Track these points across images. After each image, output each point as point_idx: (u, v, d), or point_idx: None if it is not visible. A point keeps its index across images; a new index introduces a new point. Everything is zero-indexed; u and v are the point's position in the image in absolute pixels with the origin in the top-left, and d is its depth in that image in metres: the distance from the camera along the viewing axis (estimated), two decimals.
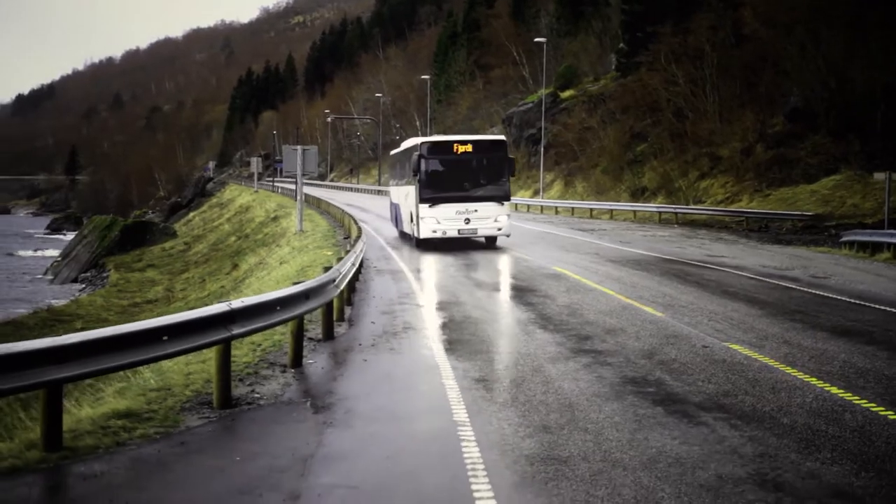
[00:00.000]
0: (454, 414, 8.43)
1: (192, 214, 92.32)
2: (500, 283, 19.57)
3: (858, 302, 15.38)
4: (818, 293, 16.54)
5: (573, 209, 48.25)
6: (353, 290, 16.97)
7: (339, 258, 16.10)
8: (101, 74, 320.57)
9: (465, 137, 28.68)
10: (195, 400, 9.21)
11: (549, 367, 10.50)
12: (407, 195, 28.85)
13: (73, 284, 55.92)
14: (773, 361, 10.48)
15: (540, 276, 20.12)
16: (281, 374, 10.52)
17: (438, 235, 26.15)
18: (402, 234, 31.62)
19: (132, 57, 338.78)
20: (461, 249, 25.93)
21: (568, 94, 63.08)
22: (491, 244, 27.22)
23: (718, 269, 20.76)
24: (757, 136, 41.53)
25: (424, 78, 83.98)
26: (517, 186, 53.84)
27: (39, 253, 79.58)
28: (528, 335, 12.86)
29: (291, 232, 36.65)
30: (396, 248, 28.34)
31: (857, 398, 8.76)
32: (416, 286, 18.82)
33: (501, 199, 26.27)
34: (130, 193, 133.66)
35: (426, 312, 15.14)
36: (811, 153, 38.07)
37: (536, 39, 59.44)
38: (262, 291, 15.79)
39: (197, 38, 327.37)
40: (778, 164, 39.03)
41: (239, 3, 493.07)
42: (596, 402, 8.81)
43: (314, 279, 12.08)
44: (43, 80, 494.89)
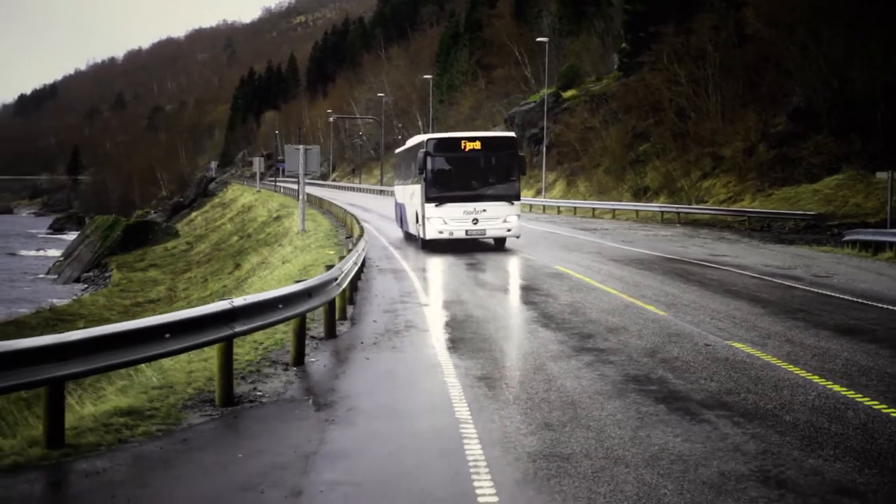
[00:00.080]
0: (456, 411, 8.42)
1: (194, 214, 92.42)
2: (502, 282, 19.55)
3: (861, 301, 15.36)
4: (821, 292, 16.52)
5: (575, 209, 48.24)
6: (355, 288, 16.98)
7: (341, 257, 16.10)
8: (103, 74, 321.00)
9: (473, 134, 27.51)
10: (197, 398, 9.22)
11: (551, 365, 10.49)
12: (412, 194, 27.86)
13: (75, 284, 55.99)
14: (775, 360, 10.47)
15: (542, 275, 20.11)
16: (283, 372, 10.52)
17: (445, 236, 25.23)
18: (407, 234, 30.85)
19: (134, 57, 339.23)
20: (463, 249, 25.86)
21: (570, 93, 63.06)
22: (499, 246, 26.38)
23: (721, 268, 20.74)
24: (759, 135, 41.49)
25: (427, 78, 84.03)
26: None
27: (42, 253, 79.69)
28: (530, 333, 12.86)
29: (294, 231, 36.67)
30: (399, 247, 28.32)
31: (859, 396, 8.75)
32: (418, 285, 18.82)
33: (511, 198, 25.26)
34: (133, 193, 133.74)
35: (428, 311, 15.13)
36: (813, 153, 38.03)
37: (539, 39, 59.43)
38: (264, 291, 15.79)
39: (199, 38, 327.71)
40: (780, 163, 39.00)
41: (241, 3, 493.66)
42: (598, 399, 8.80)
43: (316, 277, 12.09)
44: (45, 80, 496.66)
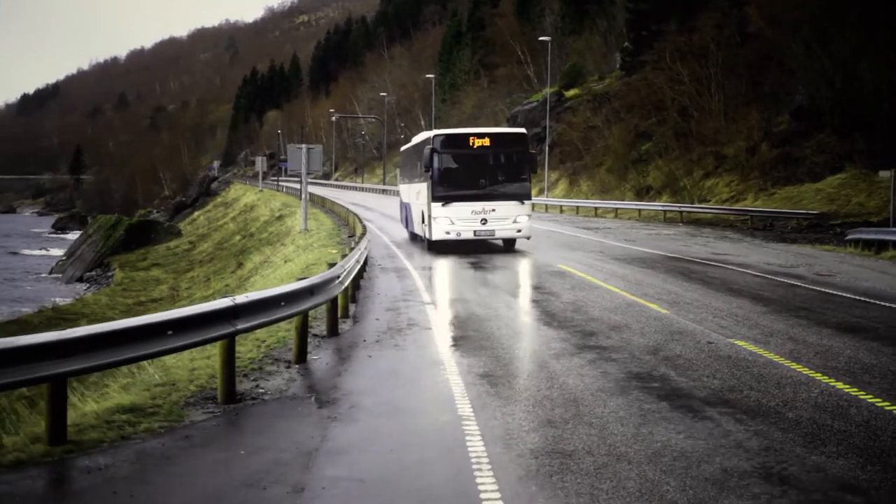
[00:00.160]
0: (459, 409, 8.42)
1: (196, 214, 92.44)
2: (504, 280, 19.53)
3: (864, 299, 15.33)
4: (823, 290, 16.50)
5: (578, 208, 48.26)
6: (357, 287, 16.98)
7: (343, 255, 16.09)
8: (105, 74, 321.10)
9: (481, 130, 26.37)
10: (199, 395, 9.22)
11: (553, 362, 10.49)
12: (418, 193, 26.95)
13: (77, 284, 56.01)
14: (778, 357, 10.45)
15: (545, 273, 20.11)
16: (285, 369, 10.52)
17: (452, 237, 24.27)
18: (412, 235, 30.04)
19: (137, 57, 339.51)
20: (467, 248, 25.79)
21: (572, 92, 63.08)
22: (508, 247, 25.40)
23: (723, 266, 20.73)
24: (762, 134, 41.48)
25: (429, 77, 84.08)
26: None
27: (44, 252, 79.73)
28: (532, 331, 12.86)
29: (296, 231, 36.68)
30: (401, 246, 28.31)
31: (862, 393, 8.74)
32: (420, 283, 18.81)
33: (522, 197, 24.28)
34: (135, 193, 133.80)
35: (430, 309, 15.13)
36: (816, 152, 38.01)
37: (541, 38, 59.41)
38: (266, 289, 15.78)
39: (201, 37, 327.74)
40: (783, 162, 38.98)
41: (243, 2, 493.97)
42: (601, 397, 8.79)
43: (318, 275, 12.09)
44: (47, 79, 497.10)
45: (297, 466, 6.90)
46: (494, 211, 24.01)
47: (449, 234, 24.21)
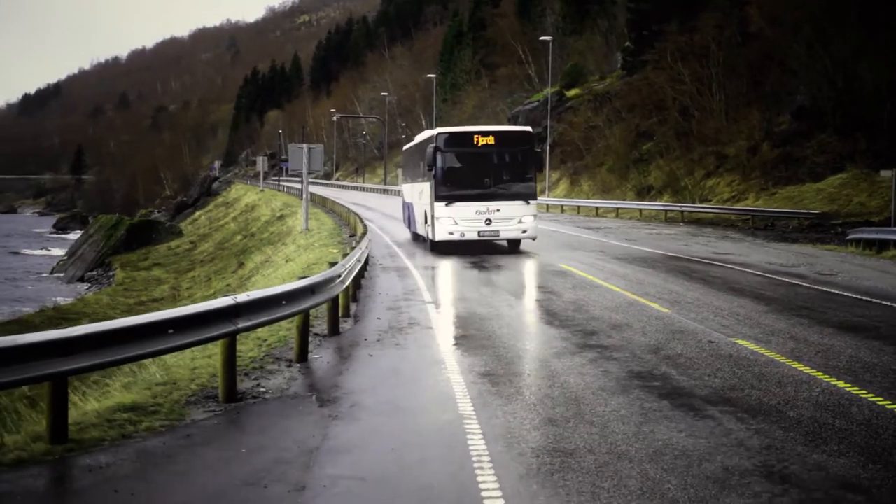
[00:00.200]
0: (460, 407, 8.42)
1: (197, 213, 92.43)
2: (505, 279, 19.51)
3: (865, 298, 15.33)
4: (825, 290, 16.49)
5: (579, 207, 48.26)
6: (358, 286, 16.98)
7: (344, 255, 16.09)
8: (107, 74, 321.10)
9: (486, 128, 25.75)
10: (201, 394, 9.22)
11: (554, 361, 10.48)
12: (421, 193, 26.37)
13: (79, 283, 56.00)
14: (779, 356, 10.45)
15: (546, 272, 20.12)
16: (286, 368, 10.52)
17: (456, 238, 23.75)
18: (414, 235, 29.53)
19: (138, 56, 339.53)
20: (467, 248, 25.75)
21: (574, 92, 63.06)
22: (513, 248, 24.93)
23: (724, 266, 20.72)
24: (763, 134, 41.47)
25: (430, 77, 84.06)
26: None
27: (45, 252, 79.74)
28: (533, 330, 12.86)
29: (297, 230, 36.67)
30: (402, 246, 28.28)
31: (864, 392, 8.73)
32: (421, 283, 18.80)
33: (527, 197, 23.77)
34: (136, 193, 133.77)
35: (431, 309, 15.12)
36: (817, 151, 38.01)
37: (542, 38, 59.36)
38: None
39: (203, 37, 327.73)
40: (784, 162, 38.97)
41: (244, 2, 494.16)
42: (602, 395, 8.79)
43: (320, 274, 12.09)
44: (48, 79, 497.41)
45: (298, 465, 6.90)
46: (499, 211, 23.50)
47: (452, 234, 23.72)
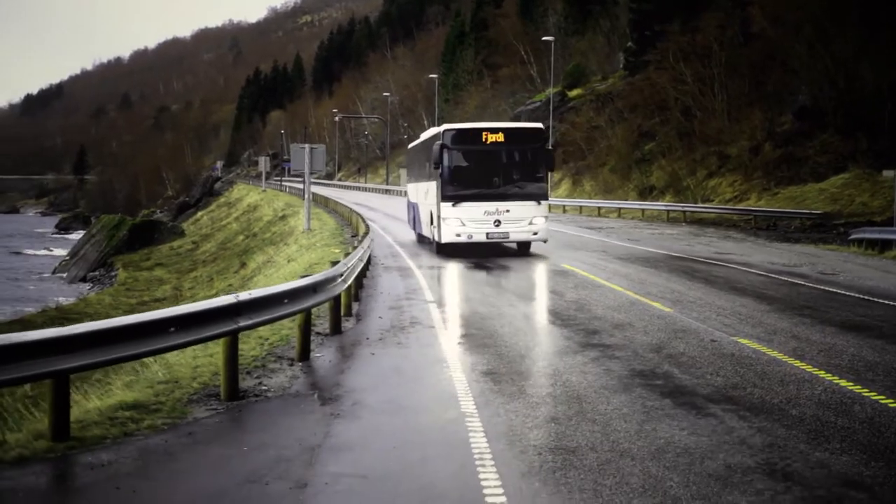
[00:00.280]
0: (462, 406, 8.41)
1: (200, 214, 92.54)
2: (508, 279, 19.53)
3: (867, 298, 15.31)
4: (827, 289, 16.48)
5: (581, 208, 48.23)
6: (360, 286, 16.97)
7: (346, 254, 16.09)
8: (109, 74, 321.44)
9: (495, 125, 24.41)
10: (203, 392, 9.22)
11: (556, 360, 10.48)
12: (427, 193, 25.45)
13: (81, 283, 56.06)
14: (781, 355, 10.44)
15: (548, 272, 20.12)
16: (288, 367, 10.52)
17: (463, 239, 22.78)
18: (420, 237, 28.67)
19: (140, 57, 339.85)
20: (471, 249, 25.62)
21: (576, 92, 63.06)
22: (523, 251, 24.09)
23: (727, 265, 20.71)
24: (765, 134, 41.43)
25: (432, 77, 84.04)
26: None
27: (48, 252, 79.82)
28: (535, 330, 12.86)
29: (299, 230, 36.68)
30: (405, 246, 28.25)
31: (866, 391, 8.72)
32: (423, 283, 18.79)
33: (538, 197, 22.86)
34: (139, 193, 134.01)
35: (434, 308, 15.11)
36: (819, 151, 37.97)
37: (544, 38, 59.40)
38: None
39: (205, 37, 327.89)
40: (786, 162, 38.93)
41: (247, 2, 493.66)
42: (604, 394, 8.78)
43: (321, 273, 12.09)
44: (51, 80, 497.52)
45: (299, 463, 6.90)
46: (509, 212, 22.59)
47: (459, 236, 22.82)
